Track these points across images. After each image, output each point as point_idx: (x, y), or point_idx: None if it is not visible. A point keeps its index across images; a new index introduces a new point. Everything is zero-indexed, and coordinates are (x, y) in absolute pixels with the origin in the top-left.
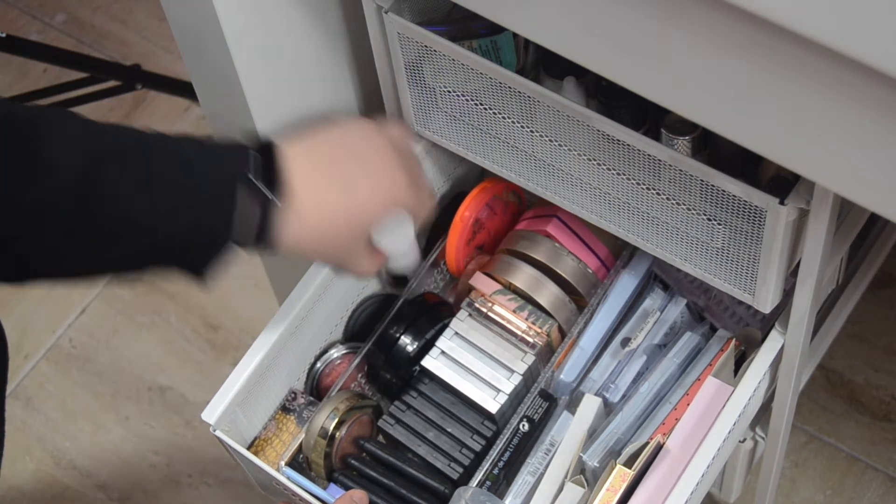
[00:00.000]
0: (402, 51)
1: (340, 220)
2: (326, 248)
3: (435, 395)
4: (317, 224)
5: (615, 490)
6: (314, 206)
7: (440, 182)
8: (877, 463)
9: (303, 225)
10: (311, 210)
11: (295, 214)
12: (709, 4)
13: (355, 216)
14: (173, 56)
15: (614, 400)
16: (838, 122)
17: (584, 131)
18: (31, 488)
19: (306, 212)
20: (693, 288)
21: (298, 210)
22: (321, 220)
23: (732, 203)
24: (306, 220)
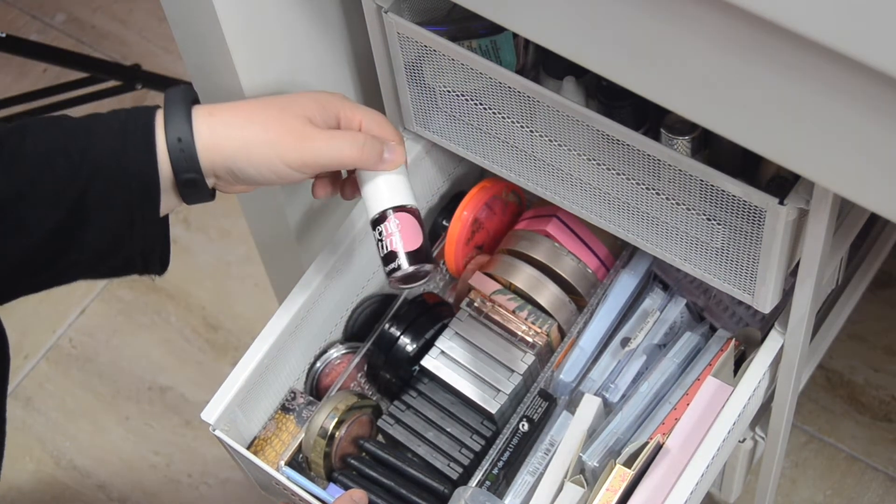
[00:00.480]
0: (402, 51)
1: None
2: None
3: (435, 394)
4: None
5: (615, 490)
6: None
7: (440, 182)
8: (877, 463)
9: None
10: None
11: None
12: (709, 4)
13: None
14: (173, 56)
15: (614, 400)
16: (838, 122)
17: (584, 131)
18: (31, 488)
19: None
20: (693, 288)
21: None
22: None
23: (732, 203)
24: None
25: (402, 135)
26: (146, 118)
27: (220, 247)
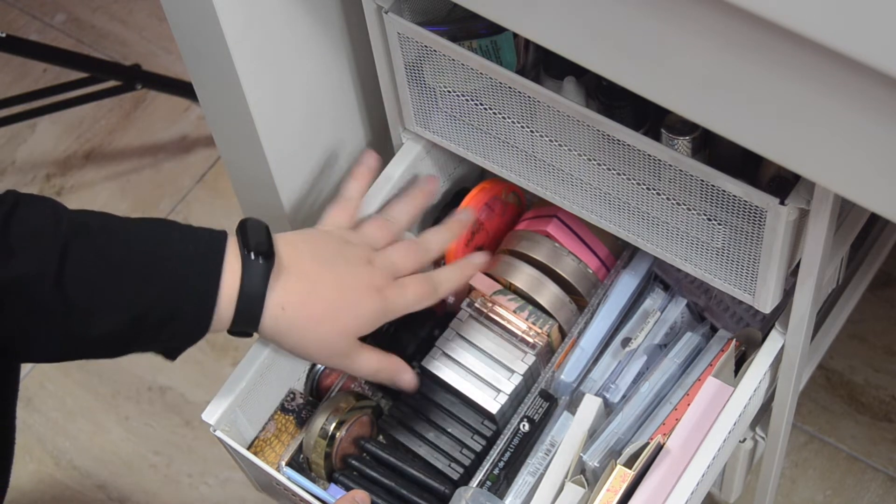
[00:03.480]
0: (402, 51)
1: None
2: (304, 340)
3: (435, 395)
4: (300, 302)
5: (615, 490)
6: (301, 310)
7: (440, 182)
8: (877, 463)
9: (288, 321)
10: (298, 312)
11: (281, 289)
12: (709, 4)
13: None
14: (173, 56)
15: (614, 400)
16: (838, 122)
17: (584, 131)
18: (31, 488)
19: (292, 313)
20: (693, 288)
21: (284, 285)
22: (305, 298)
23: (732, 203)
24: (291, 318)
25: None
26: (217, 258)
27: None
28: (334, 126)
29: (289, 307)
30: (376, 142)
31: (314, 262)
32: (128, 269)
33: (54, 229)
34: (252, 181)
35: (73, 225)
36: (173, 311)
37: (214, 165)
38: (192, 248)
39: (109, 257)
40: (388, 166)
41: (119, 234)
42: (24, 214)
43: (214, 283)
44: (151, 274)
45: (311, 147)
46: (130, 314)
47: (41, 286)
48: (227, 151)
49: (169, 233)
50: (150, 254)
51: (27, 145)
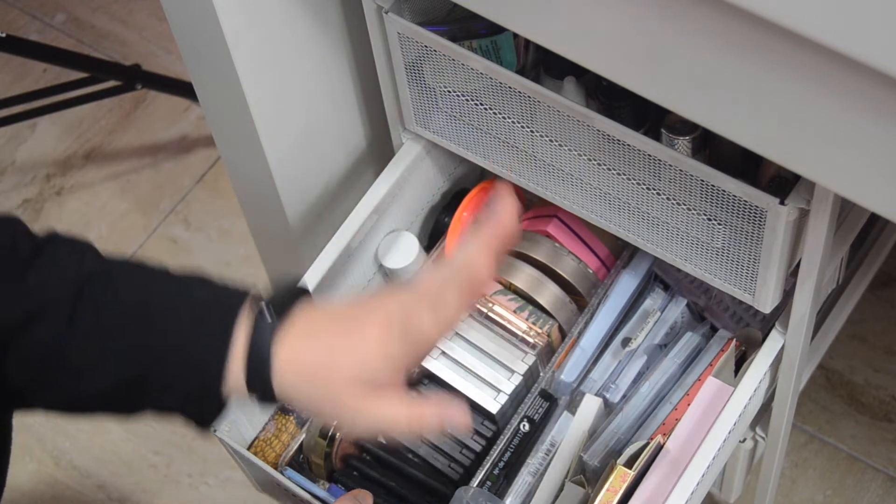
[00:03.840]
0: (402, 51)
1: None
2: (311, 392)
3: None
4: (301, 349)
5: (615, 490)
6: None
7: (441, 181)
8: (877, 463)
9: (294, 376)
10: (299, 337)
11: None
12: (709, 4)
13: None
14: (173, 56)
15: (615, 400)
16: (838, 122)
17: (584, 131)
18: (31, 488)
19: (298, 367)
20: (693, 288)
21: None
22: (305, 344)
23: (732, 203)
24: (297, 373)
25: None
26: (230, 316)
27: (220, 247)
28: (334, 126)
29: (292, 358)
30: (376, 142)
31: (329, 313)
32: (138, 322)
33: (75, 273)
34: (252, 181)
35: (94, 271)
36: (181, 368)
37: (214, 165)
38: (207, 307)
39: (121, 307)
40: (388, 166)
41: (138, 285)
42: (51, 254)
43: (224, 341)
44: (164, 328)
45: (311, 147)
46: (136, 366)
47: (50, 330)
48: (227, 151)
49: (190, 289)
50: (162, 308)
51: (27, 145)
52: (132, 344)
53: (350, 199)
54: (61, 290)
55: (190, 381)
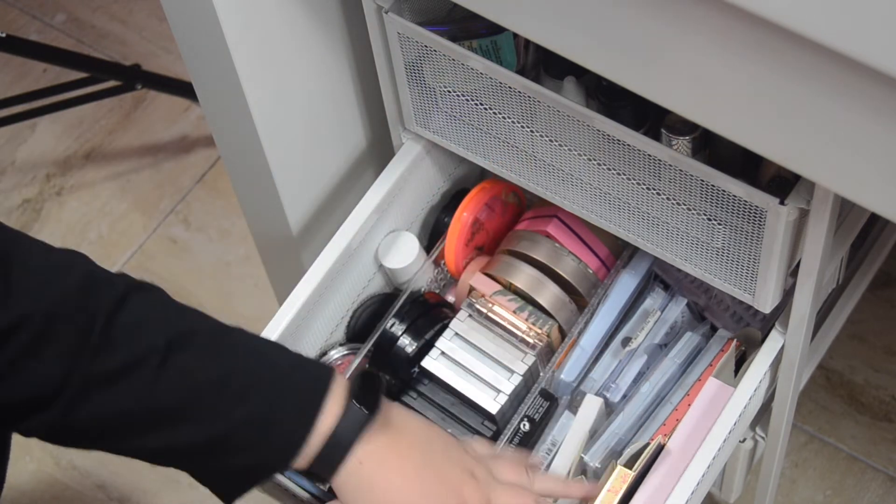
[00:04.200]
0: (402, 51)
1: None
2: (372, 494)
3: (435, 395)
4: (379, 462)
5: (616, 491)
6: (378, 473)
7: (441, 181)
8: (877, 463)
9: (360, 478)
10: (374, 474)
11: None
12: (709, 4)
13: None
14: (173, 56)
15: (615, 400)
16: (838, 122)
17: (584, 131)
18: (31, 488)
19: (368, 472)
20: (693, 288)
21: (365, 465)
22: (385, 462)
23: (732, 203)
24: (365, 477)
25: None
26: (319, 394)
27: (220, 247)
28: (334, 126)
29: (366, 464)
30: (376, 142)
31: (415, 441)
32: (225, 387)
33: (162, 328)
34: (252, 181)
35: (180, 328)
36: (260, 439)
37: (214, 165)
38: (297, 380)
39: (210, 371)
40: (388, 166)
41: (226, 348)
42: (133, 307)
43: (309, 419)
44: (248, 397)
45: (311, 147)
46: (215, 430)
47: (136, 385)
48: (227, 151)
49: (276, 358)
50: (252, 376)
51: (27, 145)
52: (214, 411)
53: (350, 199)
54: (149, 350)
55: (265, 449)
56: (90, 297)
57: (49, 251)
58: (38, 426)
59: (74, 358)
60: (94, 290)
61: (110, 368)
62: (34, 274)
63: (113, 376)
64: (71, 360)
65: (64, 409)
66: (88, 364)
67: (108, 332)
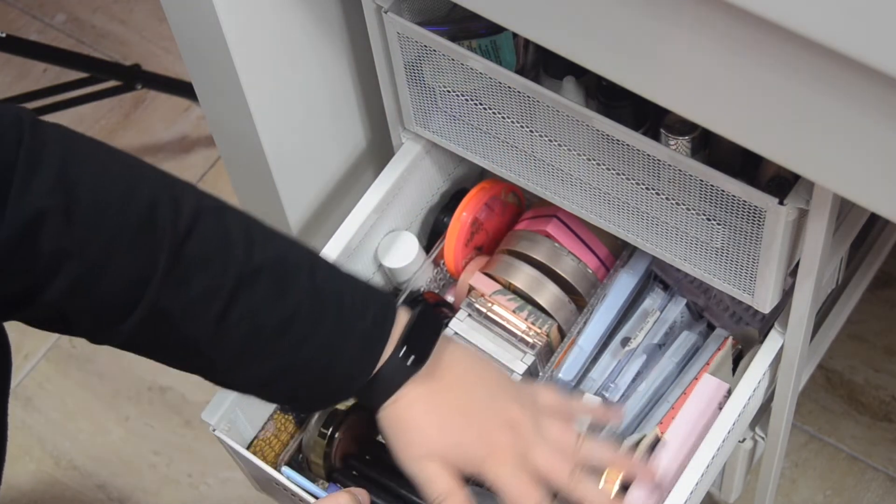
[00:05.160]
0: (402, 51)
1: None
2: (408, 427)
3: None
4: (420, 418)
5: (612, 482)
6: (409, 413)
7: (440, 181)
8: (877, 463)
9: (396, 415)
10: (406, 413)
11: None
12: (709, 4)
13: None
14: (173, 56)
15: (614, 399)
16: (838, 121)
17: (584, 131)
18: (31, 488)
19: (402, 410)
20: (693, 288)
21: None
22: (425, 417)
23: (732, 203)
24: (400, 415)
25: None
26: (383, 337)
27: None
28: (334, 126)
29: (401, 402)
30: (376, 142)
31: (456, 386)
32: (289, 326)
33: (228, 265)
34: (252, 181)
35: (246, 267)
36: (323, 375)
37: (214, 165)
38: (357, 323)
39: (275, 311)
40: (388, 166)
41: (291, 286)
42: (200, 238)
43: (373, 360)
44: (311, 336)
45: (311, 147)
46: (277, 366)
47: (200, 325)
48: (227, 151)
49: (340, 296)
50: (316, 315)
51: None
52: (277, 349)
53: (350, 199)
54: (216, 289)
55: (330, 382)
56: (156, 229)
57: (112, 171)
58: (107, 342)
59: (139, 291)
60: (159, 220)
61: (174, 306)
62: (97, 204)
63: (176, 315)
64: (136, 292)
65: (128, 336)
66: (153, 296)
67: (174, 266)
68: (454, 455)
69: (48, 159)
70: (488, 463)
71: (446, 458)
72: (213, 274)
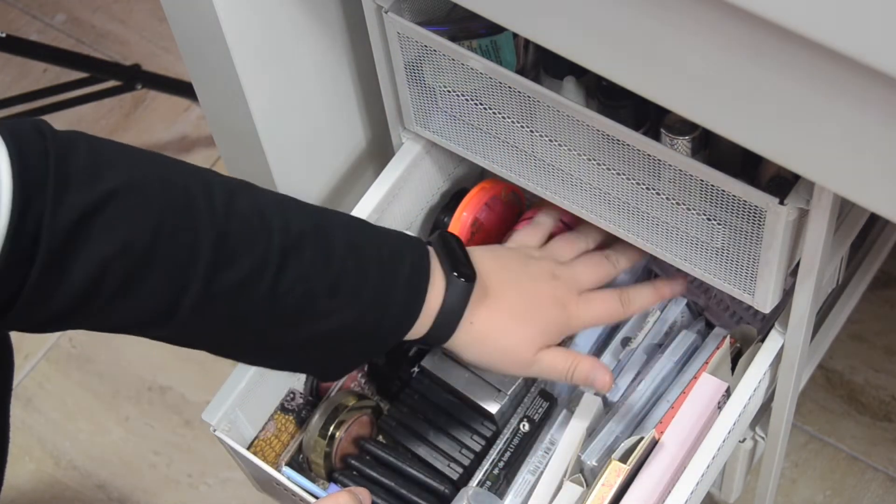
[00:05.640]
0: (402, 51)
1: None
2: (491, 340)
3: (435, 395)
4: (486, 316)
5: (610, 485)
6: (487, 324)
7: (441, 181)
8: (877, 463)
9: (474, 335)
10: (484, 326)
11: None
12: (709, 4)
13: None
14: (173, 56)
15: (614, 399)
16: (838, 122)
17: (584, 131)
18: (31, 488)
19: (479, 327)
20: (693, 288)
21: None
22: (491, 312)
23: (732, 203)
24: (479, 332)
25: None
26: (424, 275)
27: None
28: (334, 126)
29: (477, 321)
30: (376, 142)
31: (500, 277)
32: (338, 287)
33: (269, 239)
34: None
35: (287, 238)
36: (375, 326)
37: (214, 165)
38: (401, 264)
39: (323, 269)
40: (388, 166)
41: (333, 247)
42: (239, 220)
43: (420, 301)
44: (362, 287)
45: (311, 147)
46: (331, 326)
47: (254, 300)
48: (227, 151)
49: (379, 250)
50: (360, 268)
51: None
52: (330, 309)
53: (350, 199)
54: (265, 257)
55: (379, 337)
56: (193, 213)
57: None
58: (158, 337)
59: (185, 279)
60: (196, 205)
61: (229, 282)
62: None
63: (231, 290)
64: (182, 280)
65: (180, 324)
66: (202, 281)
67: (220, 247)
68: (549, 335)
69: (77, 164)
70: (573, 320)
71: (546, 341)
72: (260, 248)
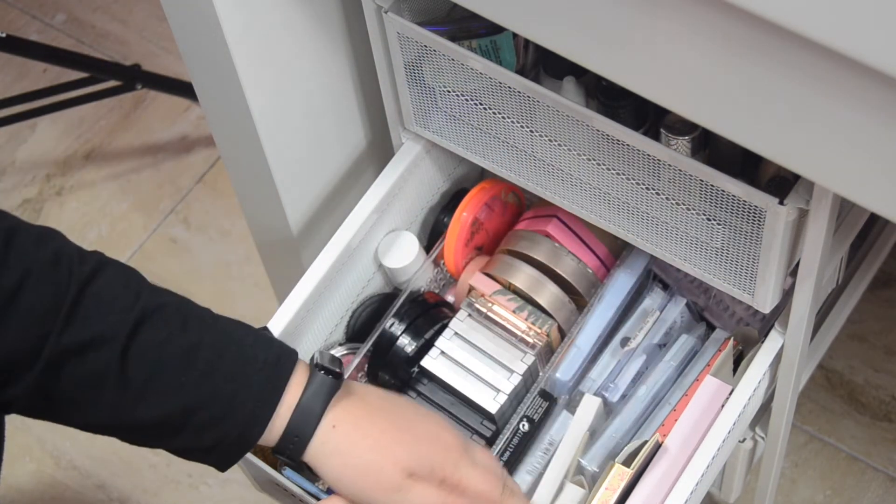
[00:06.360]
0: (402, 51)
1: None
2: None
3: (434, 395)
4: (353, 423)
5: (613, 489)
6: (355, 432)
7: (441, 181)
8: (877, 463)
9: (337, 442)
10: (351, 434)
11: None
12: (709, 4)
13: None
14: (173, 56)
15: (613, 399)
16: (838, 121)
17: (584, 131)
18: (31, 488)
19: (343, 433)
20: (693, 288)
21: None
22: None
23: (732, 203)
24: (342, 439)
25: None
26: (286, 367)
27: (220, 247)
28: (334, 126)
29: (340, 425)
30: (376, 142)
31: (382, 399)
32: (193, 358)
33: (132, 301)
34: (252, 181)
35: (150, 302)
36: (228, 410)
37: (214, 165)
38: (262, 354)
39: (178, 342)
40: (388, 166)
41: (193, 322)
42: (105, 281)
43: (278, 390)
44: (215, 368)
45: (310, 147)
46: (184, 402)
47: (106, 356)
48: (227, 151)
49: (243, 335)
50: (219, 348)
51: (27, 145)
52: (182, 382)
53: (350, 199)
54: (118, 325)
55: (232, 425)
56: (60, 269)
57: (27, 226)
58: (10, 398)
59: (44, 329)
60: (65, 263)
61: (80, 340)
62: (8, 245)
63: (83, 349)
64: (41, 331)
65: (34, 381)
66: (58, 336)
67: (78, 303)
68: (424, 465)
69: None
70: (457, 469)
71: (419, 470)
72: (116, 310)
